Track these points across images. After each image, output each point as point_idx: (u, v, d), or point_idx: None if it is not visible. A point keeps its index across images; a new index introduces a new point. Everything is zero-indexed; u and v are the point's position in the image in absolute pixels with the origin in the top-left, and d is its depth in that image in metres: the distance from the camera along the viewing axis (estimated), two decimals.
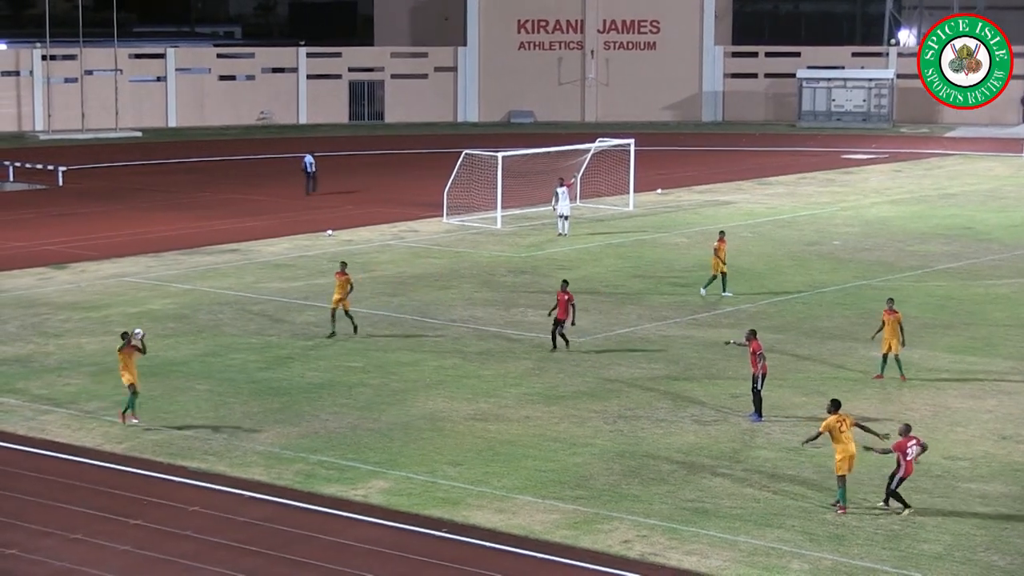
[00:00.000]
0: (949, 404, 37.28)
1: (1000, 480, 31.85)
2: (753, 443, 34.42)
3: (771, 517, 29.68)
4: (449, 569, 27.06)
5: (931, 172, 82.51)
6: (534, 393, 38.35)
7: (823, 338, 43.88)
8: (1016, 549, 28.11)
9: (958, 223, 65.10)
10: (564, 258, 56.70)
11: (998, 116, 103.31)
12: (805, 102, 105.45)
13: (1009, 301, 49.46)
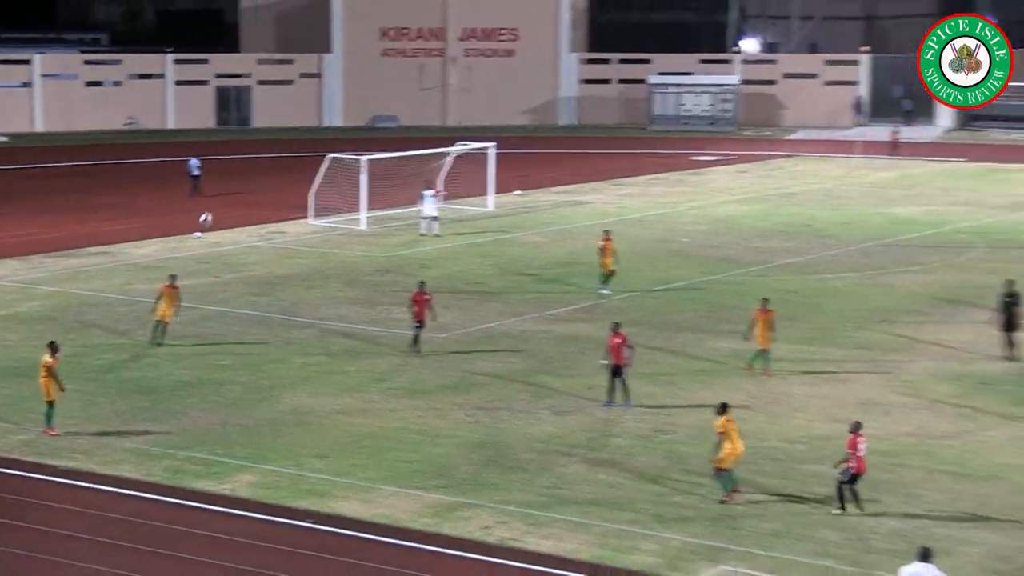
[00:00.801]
0: (789, 391, 37.90)
1: (918, 466, 32.35)
2: (607, 432, 34.74)
3: (623, 501, 29.99)
4: (315, 558, 27.09)
5: (773, 173, 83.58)
6: (397, 388, 38.42)
7: (674, 331, 44.35)
8: (850, 526, 28.65)
9: (798, 221, 65.98)
10: (427, 257, 56.76)
11: (834, 120, 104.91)
12: (656, 107, 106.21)
13: (844, 294, 50.28)
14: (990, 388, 38.44)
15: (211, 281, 51.65)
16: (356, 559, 27.13)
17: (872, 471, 31.52)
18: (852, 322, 45.86)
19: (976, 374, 39.80)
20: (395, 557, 27.27)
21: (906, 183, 78.63)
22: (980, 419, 35.68)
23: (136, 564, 26.61)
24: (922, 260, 56.34)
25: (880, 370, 40.20)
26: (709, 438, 33.31)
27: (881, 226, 64.33)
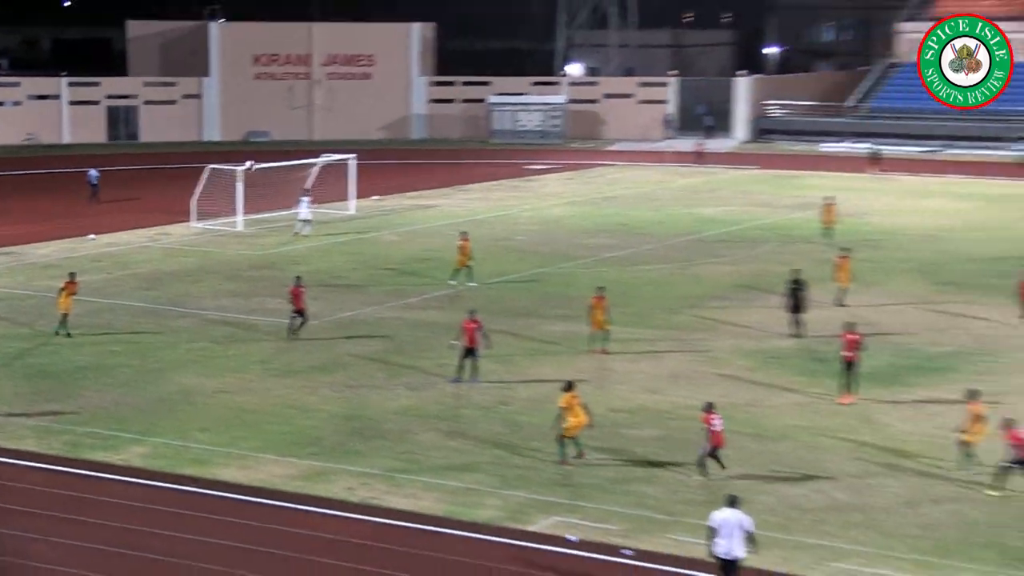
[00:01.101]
0: (612, 367, 38.20)
1: (651, 426, 32.77)
2: (456, 404, 34.79)
3: (470, 464, 30.10)
4: (201, 519, 26.87)
5: (596, 179, 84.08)
6: (273, 369, 38.16)
7: (512, 316, 44.46)
8: (664, 481, 29.02)
9: (618, 220, 66.45)
10: (297, 255, 56.34)
11: (647, 133, 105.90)
12: (495, 123, 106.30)
13: (658, 282, 50.77)
14: (780, 362, 39.08)
15: (105, 277, 50.85)
16: (236, 519, 26.95)
17: (682, 434, 31.97)
18: (665, 307, 46.33)
19: (768, 350, 40.43)
20: (269, 515, 27.14)
21: (709, 187, 79.56)
22: (771, 388, 36.27)
23: (40, 528, 26.20)
24: (724, 253, 57.04)
25: (689, 347, 40.68)
26: (544, 409, 33.62)
27: (689, 224, 65.02)
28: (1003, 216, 67.06)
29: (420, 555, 25.21)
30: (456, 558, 25.14)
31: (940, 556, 25.02)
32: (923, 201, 72.34)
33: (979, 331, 42.57)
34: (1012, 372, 37.68)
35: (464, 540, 25.98)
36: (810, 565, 24.64)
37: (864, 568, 24.52)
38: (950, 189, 77.49)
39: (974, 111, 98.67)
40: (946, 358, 39.26)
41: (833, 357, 36.95)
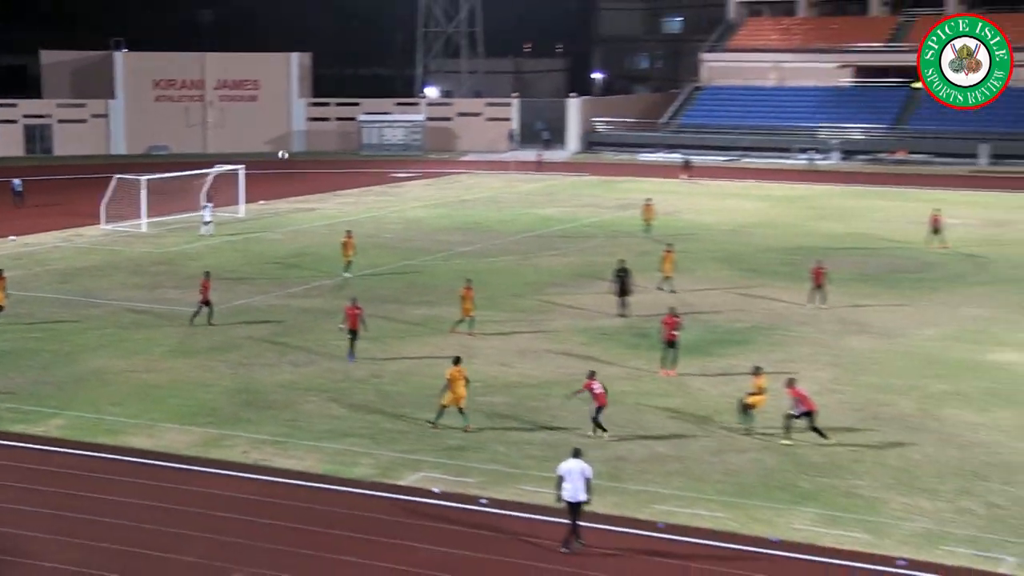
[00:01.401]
0: (468, 344, 38.12)
1: (501, 394, 32.80)
2: (335, 378, 34.48)
3: (347, 429, 29.87)
4: (114, 482, 26.32)
5: (452, 185, 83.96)
6: (175, 350, 37.47)
7: (381, 302, 44.18)
8: (513, 440, 29.05)
9: (470, 220, 66.44)
10: (195, 253, 55.35)
11: (494, 146, 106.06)
12: (364, 137, 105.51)
13: (505, 272, 50.84)
14: (608, 338, 39.37)
15: (24, 273, 49.46)
16: (146, 480, 26.44)
17: (527, 400, 32.08)
18: (511, 292, 46.40)
19: (599, 328, 40.70)
20: (175, 478, 26.67)
21: (547, 191, 79.89)
22: (602, 360, 36.48)
23: None
24: (560, 246, 57.33)
25: (532, 327, 40.80)
26: (410, 381, 33.49)
27: (530, 222, 65.21)
28: (791, 213, 68.36)
29: (304, 508, 24.97)
30: (336, 510, 24.94)
31: (742, 497, 25.42)
32: (726, 201, 73.43)
33: (772, 309, 43.34)
34: (798, 343, 38.43)
35: (342, 494, 25.78)
36: (637, 508, 24.87)
37: (681, 509, 24.81)
38: (747, 192, 78.75)
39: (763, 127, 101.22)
40: (746, 332, 39.91)
41: (654, 333, 37.33)
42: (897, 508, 24.81)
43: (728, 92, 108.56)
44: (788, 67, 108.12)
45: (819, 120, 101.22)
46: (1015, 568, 22.05)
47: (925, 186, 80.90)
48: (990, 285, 47.55)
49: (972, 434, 29.43)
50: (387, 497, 25.59)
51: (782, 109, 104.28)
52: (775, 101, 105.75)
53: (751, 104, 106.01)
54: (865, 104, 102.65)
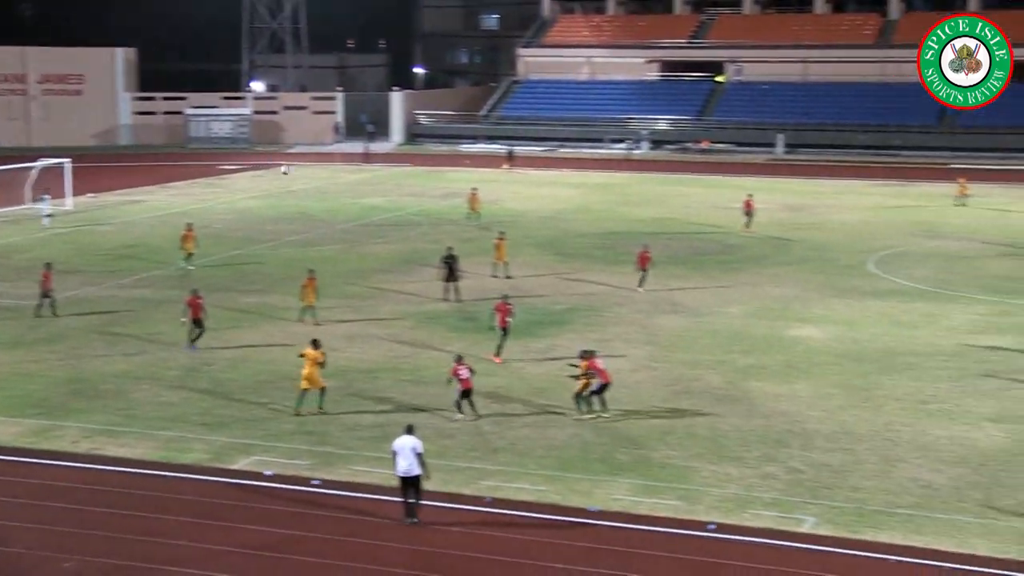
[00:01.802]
0: (297, 330, 37.49)
1: (331, 378, 32.39)
2: (166, 366, 33.64)
3: (180, 416, 29.18)
4: None
5: (279, 177, 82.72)
6: (3, 343, 36.03)
7: (213, 291, 43.18)
8: (343, 423, 28.77)
9: (297, 210, 65.58)
10: (23, 245, 53.39)
11: (320, 138, 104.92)
12: (192, 131, 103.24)
13: (333, 260, 50.29)
14: (435, 322, 39.30)
15: None
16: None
17: (356, 384, 31.81)
18: (340, 279, 45.93)
19: (425, 312, 40.60)
20: (5, 469, 25.65)
21: (373, 182, 79.35)
22: (428, 343, 36.45)
23: None
24: (386, 235, 56.99)
25: (360, 313, 40.47)
26: (242, 368, 32.90)
27: (357, 212, 64.70)
28: (605, 200, 69.26)
29: (137, 495, 24.29)
30: (168, 495, 24.33)
31: (563, 471, 25.64)
32: (544, 190, 73.98)
33: (588, 291, 43.82)
34: (614, 323, 38.95)
35: (175, 480, 25.17)
36: (464, 484, 24.87)
37: (505, 484, 24.90)
38: (564, 180, 79.50)
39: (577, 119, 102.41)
40: (564, 314, 40.27)
41: (481, 316, 37.38)
42: (707, 476, 25.33)
43: (544, 85, 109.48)
44: (599, 62, 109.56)
45: (629, 112, 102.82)
46: (814, 527, 22.73)
47: (728, 174, 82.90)
48: (789, 265, 48.95)
49: (774, 404, 30.25)
50: (220, 481, 25.07)
51: (595, 102, 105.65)
52: (588, 94, 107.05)
53: (566, 97, 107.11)
54: (672, 97, 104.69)
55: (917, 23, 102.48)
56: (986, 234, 56.59)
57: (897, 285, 44.90)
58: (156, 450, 26.79)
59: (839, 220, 61.37)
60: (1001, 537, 22.21)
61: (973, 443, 27.28)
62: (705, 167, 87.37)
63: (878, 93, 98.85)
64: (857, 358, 34.47)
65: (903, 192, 72.62)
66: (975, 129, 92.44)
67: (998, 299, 42.38)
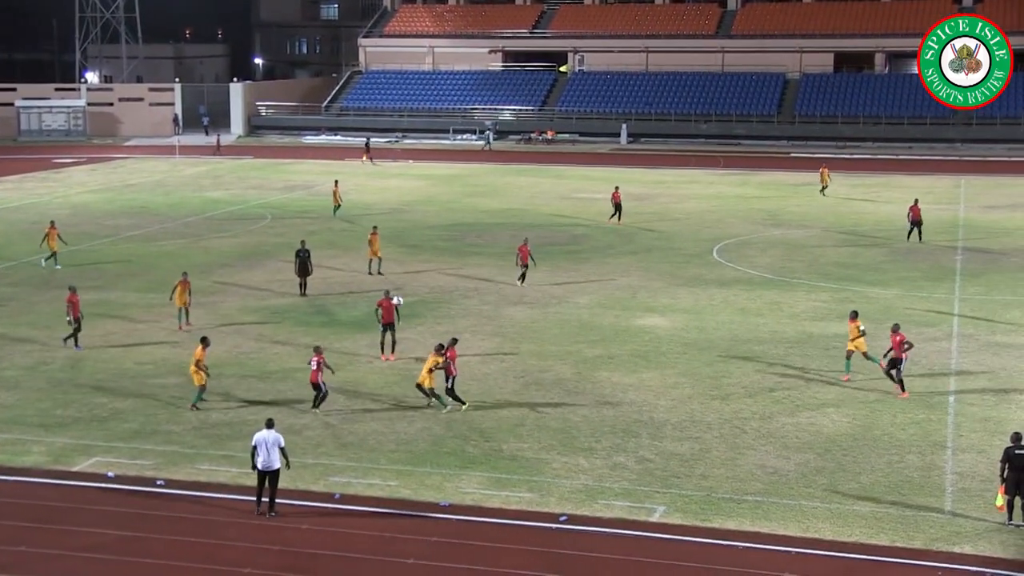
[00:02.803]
0: (135, 329, 36.60)
1: (173, 375, 31.73)
2: (45, 366, 32.45)
3: (17, 417, 28.26)
4: None
5: (117, 170, 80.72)
6: None
7: (50, 288, 41.93)
8: (187, 420, 28.15)
9: (137, 204, 64.07)
10: None
11: (158, 131, 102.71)
12: (23, 123, 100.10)
13: (174, 255, 49.22)
14: (281, 316, 38.77)
15: None
16: None
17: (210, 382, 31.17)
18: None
19: (271, 307, 40.04)
20: None
21: (213, 175, 77.92)
22: (275, 338, 35.96)
23: None
24: (229, 228, 56.02)
25: (204, 308, 39.63)
26: (80, 367, 31.99)
27: (198, 206, 63.48)
28: (450, 191, 69.25)
29: None
30: (6, 500, 23.53)
31: (414, 465, 25.54)
32: (388, 181, 73.61)
33: (436, 284, 43.71)
34: (463, 316, 38.95)
35: (11, 484, 24.36)
36: (313, 480, 24.58)
37: (356, 479, 24.70)
38: (408, 171, 79.22)
39: (421, 110, 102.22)
40: (412, 307, 40.07)
41: (330, 310, 36.94)
42: (559, 467, 25.50)
43: (386, 76, 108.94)
44: (442, 52, 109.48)
45: (473, 102, 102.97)
46: (665, 516, 23.06)
47: (572, 163, 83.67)
48: (635, 255, 49.61)
49: (623, 394, 30.61)
50: (59, 484, 24.33)
51: (438, 92, 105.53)
52: (431, 84, 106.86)
53: (409, 87, 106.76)
54: (515, 87, 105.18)
55: (755, 14, 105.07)
56: (826, 222, 58.21)
57: (741, 273, 45.88)
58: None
59: (683, 209, 62.45)
60: (845, 520, 22.86)
61: (818, 429, 28.02)
62: (550, 157, 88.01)
63: (719, 83, 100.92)
64: (704, 347, 35.10)
65: (746, 181, 74.27)
66: (812, 118, 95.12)
67: (839, 286, 43.62)
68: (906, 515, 23.08)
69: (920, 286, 43.61)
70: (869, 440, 27.27)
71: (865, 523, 22.75)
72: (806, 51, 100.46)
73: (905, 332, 31.39)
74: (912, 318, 38.41)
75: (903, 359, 30.28)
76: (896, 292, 42.66)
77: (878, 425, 28.29)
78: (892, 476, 25.09)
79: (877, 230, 55.70)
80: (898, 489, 24.38)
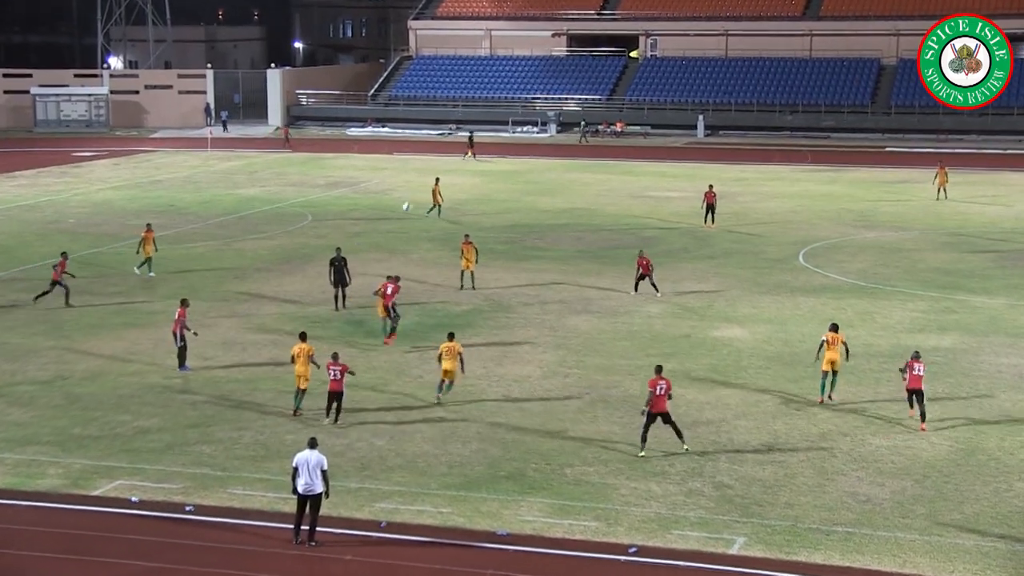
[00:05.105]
0: (167, 339, 36.94)
1: (205, 390, 32.01)
2: (13, 381, 32.96)
3: (31, 436, 28.67)
4: None
5: (142, 164, 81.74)
6: None
7: (72, 294, 42.48)
8: (220, 440, 28.41)
9: (164, 201, 64.81)
10: None
11: (188, 121, 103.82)
12: (39, 113, 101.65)
13: (206, 258, 49.78)
14: (321, 326, 38.93)
15: None
16: None
17: (234, 396, 31.46)
18: (213, 280, 45.46)
19: (310, 316, 40.30)
20: None
21: (249, 170, 78.67)
22: (316, 350, 36.11)
23: None
24: (265, 229, 56.52)
25: (237, 316, 40.04)
26: (101, 380, 32.34)
27: (231, 204, 64.10)
28: (509, 189, 69.40)
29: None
30: (18, 527, 23.81)
31: (468, 490, 25.60)
32: (444, 179, 73.80)
33: (492, 291, 43.79)
34: (522, 326, 39.01)
35: (26, 509, 24.67)
36: (357, 507, 24.71)
37: (404, 506, 24.79)
38: (462, 167, 79.41)
39: (477, 99, 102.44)
40: (466, 316, 40.23)
41: (369, 322, 37.15)
42: (627, 493, 25.48)
43: (439, 62, 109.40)
44: (500, 35, 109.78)
45: (534, 91, 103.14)
46: (745, 548, 22.97)
47: (643, 159, 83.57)
48: (712, 260, 49.46)
49: (699, 413, 30.53)
50: (78, 509, 24.62)
51: (496, 80, 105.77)
52: (488, 71, 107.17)
53: (464, 74, 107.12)
54: (581, 74, 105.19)
55: None
56: (925, 223, 57.74)
57: (830, 280, 45.61)
58: (5, 476, 26.22)
59: (766, 209, 62.20)
60: (947, 555, 22.65)
61: (915, 453, 27.78)
62: (619, 152, 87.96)
63: (807, 69, 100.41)
64: (788, 361, 34.93)
65: (835, 178, 73.82)
66: (910, 109, 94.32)
67: (939, 294, 43.24)
68: (1016, 549, 22.83)
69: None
70: (973, 465, 27.01)
71: (970, 558, 22.53)
72: (903, 34, 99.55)
73: (1012, 347, 31.08)
74: (1021, 331, 38.01)
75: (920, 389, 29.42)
76: (1004, 301, 42.22)
77: (983, 448, 28.01)
78: (999, 506, 24.83)
79: (983, 232, 55.16)
80: (1006, 520, 24.12)
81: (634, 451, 27.75)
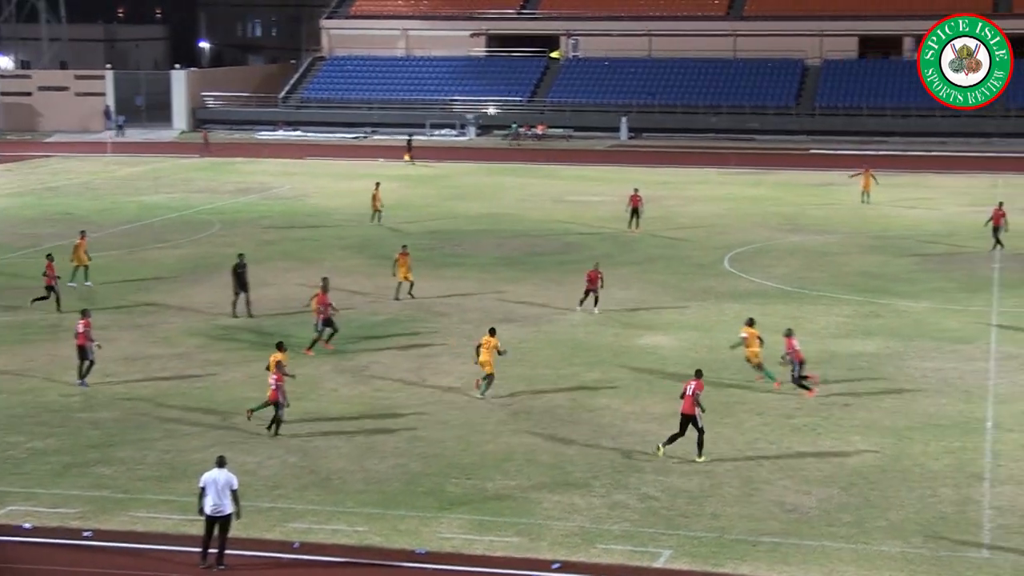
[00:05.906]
0: (65, 353, 36.52)
1: (105, 409, 31.72)
2: None
3: None
4: None
5: (36, 171, 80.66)
6: None
7: None
8: (121, 461, 28.13)
9: (60, 210, 64.01)
10: None
11: (86, 125, 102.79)
12: None
13: (105, 269, 48.96)
14: (230, 339, 38.73)
15: None
16: None
17: (135, 415, 31.16)
18: (115, 291, 44.98)
19: (216, 327, 40.00)
20: None
21: (152, 176, 77.93)
22: (224, 363, 35.94)
23: None
24: (170, 237, 56.04)
25: (141, 330, 39.63)
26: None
27: (134, 212, 63.47)
28: (428, 194, 69.41)
29: None
30: None
31: (386, 507, 25.53)
32: (354, 183, 73.65)
33: (409, 300, 43.68)
34: (441, 335, 38.98)
35: None
36: (268, 528, 24.55)
37: (318, 525, 24.67)
38: (379, 172, 79.18)
39: (393, 101, 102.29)
40: (383, 325, 40.17)
41: (291, 332, 37.01)
42: (551, 507, 25.54)
43: (353, 63, 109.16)
44: (417, 35, 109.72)
45: (453, 93, 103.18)
46: (671, 561, 23.12)
47: (565, 162, 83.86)
48: (637, 265, 49.75)
49: (623, 424, 30.67)
50: None
51: (413, 81, 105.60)
52: (405, 72, 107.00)
53: (379, 76, 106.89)
54: (501, 75, 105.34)
55: None
56: (850, 226, 58.48)
57: (755, 285, 46.05)
58: None
59: (691, 213, 62.68)
60: (873, 563, 22.95)
61: (842, 460, 28.13)
62: (541, 155, 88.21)
63: (731, 70, 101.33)
64: (714, 368, 35.17)
65: (760, 181, 74.55)
66: (834, 110, 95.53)
67: (864, 298, 43.83)
68: (940, 556, 23.21)
69: (955, 298, 43.90)
70: (898, 472, 27.41)
71: (896, 564, 22.86)
72: (827, 35, 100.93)
73: (937, 351, 31.65)
74: (945, 335, 38.65)
75: (802, 362, 32.21)
76: (928, 305, 42.92)
77: (908, 455, 28.44)
78: (924, 512, 25.22)
79: (908, 235, 55.98)
80: (931, 526, 24.51)
81: (559, 463, 27.84)
